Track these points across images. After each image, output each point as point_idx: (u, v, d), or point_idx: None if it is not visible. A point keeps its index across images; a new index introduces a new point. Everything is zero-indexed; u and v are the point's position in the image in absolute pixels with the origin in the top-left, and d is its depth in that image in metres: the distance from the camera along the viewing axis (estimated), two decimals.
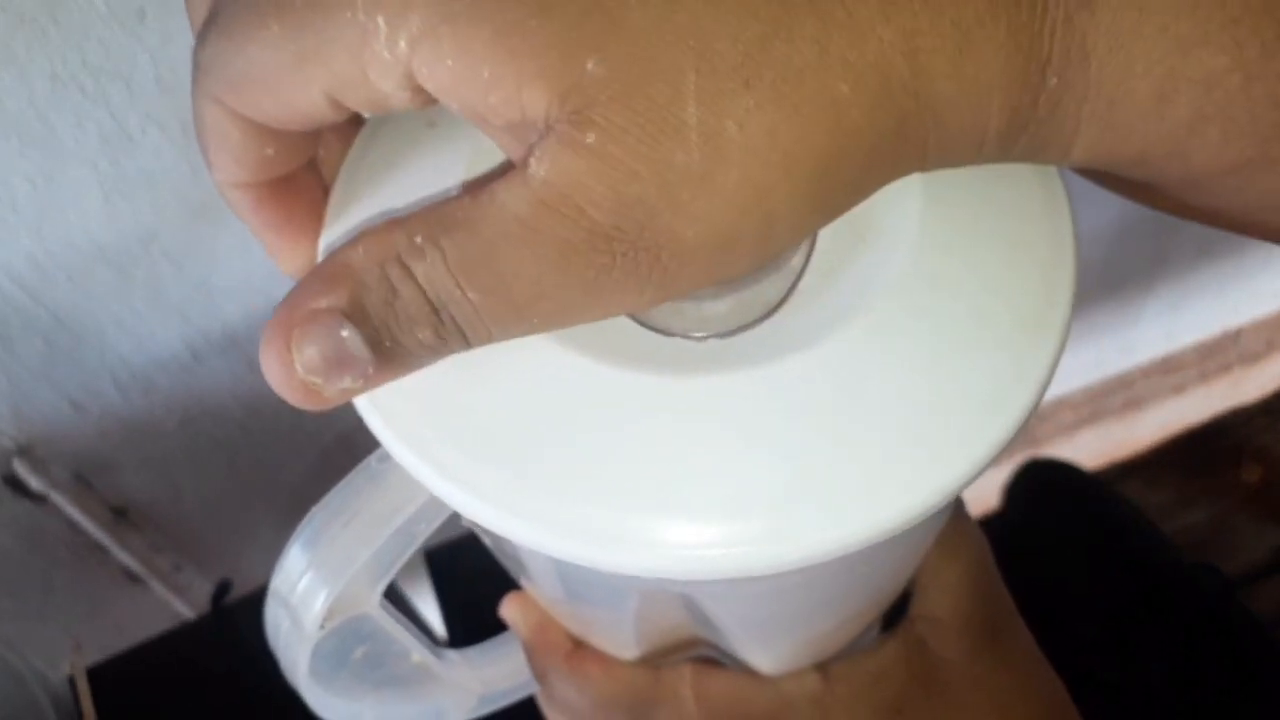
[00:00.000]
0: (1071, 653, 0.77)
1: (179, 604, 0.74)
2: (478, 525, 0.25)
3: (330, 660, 0.31)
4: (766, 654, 0.34)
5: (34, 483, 0.60)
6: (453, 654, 0.36)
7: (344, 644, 0.31)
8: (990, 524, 0.90)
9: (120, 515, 0.66)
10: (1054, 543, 0.84)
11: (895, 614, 0.35)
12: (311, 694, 0.32)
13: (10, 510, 0.62)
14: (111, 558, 0.68)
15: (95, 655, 0.61)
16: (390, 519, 0.29)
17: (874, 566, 0.30)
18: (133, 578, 0.71)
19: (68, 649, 0.59)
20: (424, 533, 0.29)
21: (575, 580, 0.31)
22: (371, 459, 0.29)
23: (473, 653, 0.37)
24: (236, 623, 0.60)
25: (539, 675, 0.35)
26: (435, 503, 0.29)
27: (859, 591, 0.32)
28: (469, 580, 0.58)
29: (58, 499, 0.62)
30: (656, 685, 0.33)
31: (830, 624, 0.33)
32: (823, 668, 0.34)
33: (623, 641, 0.34)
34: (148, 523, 0.68)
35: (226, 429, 0.65)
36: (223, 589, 0.63)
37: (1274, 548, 0.95)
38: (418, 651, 0.33)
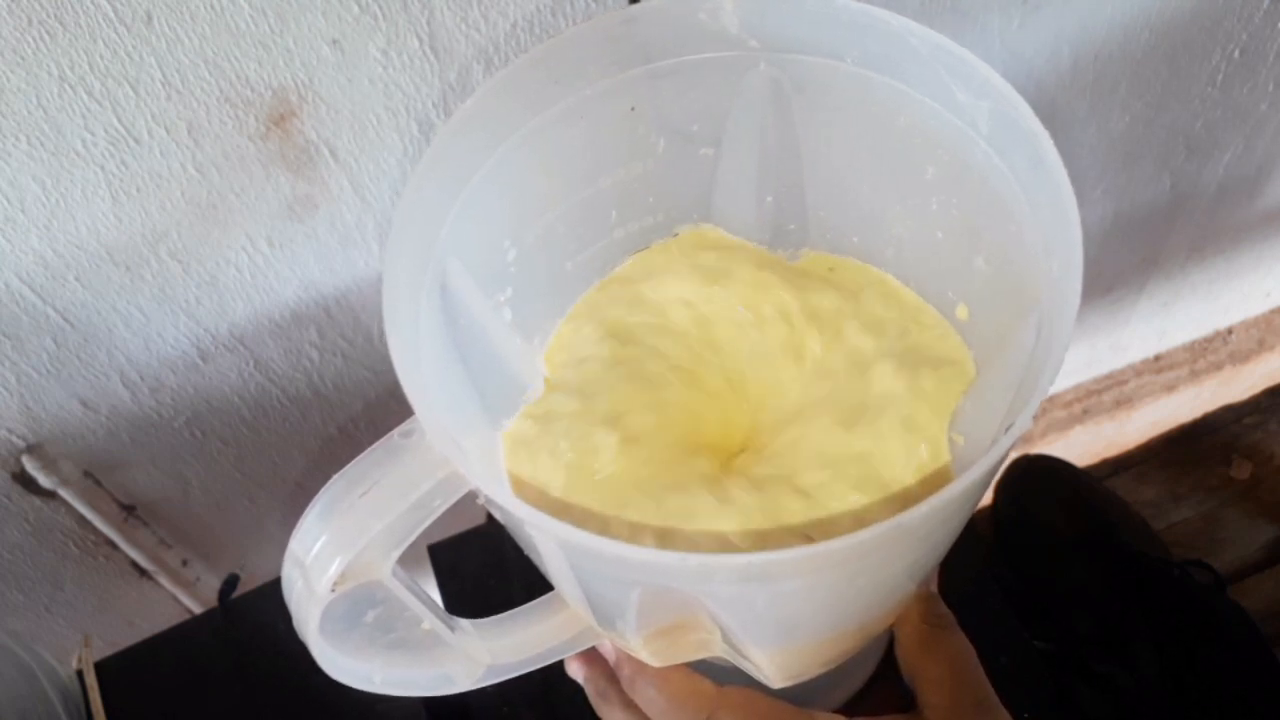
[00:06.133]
0: (1064, 646, 0.78)
1: (187, 599, 0.74)
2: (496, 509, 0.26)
3: (342, 621, 0.32)
4: (765, 656, 0.35)
5: (43, 480, 0.60)
6: (464, 623, 0.36)
7: (356, 607, 0.32)
8: (983, 519, 0.90)
9: (129, 511, 0.66)
10: (1046, 538, 0.84)
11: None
12: (321, 653, 0.32)
13: (20, 507, 0.62)
14: (120, 553, 0.68)
15: (104, 649, 0.61)
16: (407, 493, 0.29)
17: (869, 577, 0.32)
18: (141, 573, 0.71)
19: (77, 643, 0.59)
20: (440, 508, 0.30)
21: (584, 570, 0.32)
22: (395, 433, 0.30)
23: (484, 624, 0.37)
24: (244, 617, 0.60)
25: (627, 686, 0.40)
26: (452, 479, 0.29)
27: (858, 601, 0.34)
28: (471, 574, 0.59)
29: (67, 495, 0.62)
30: (718, 696, 0.38)
31: (830, 632, 0.35)
32: (850, 717, 0.39)
33: (631, 635, 0.35)
34: (156, 519, 0.68)
35: (234, 426, 0.64)
36: (230, 584, 0.62)
37: (1264, 544, 0.95)
38: (428, 619, 0.33)
